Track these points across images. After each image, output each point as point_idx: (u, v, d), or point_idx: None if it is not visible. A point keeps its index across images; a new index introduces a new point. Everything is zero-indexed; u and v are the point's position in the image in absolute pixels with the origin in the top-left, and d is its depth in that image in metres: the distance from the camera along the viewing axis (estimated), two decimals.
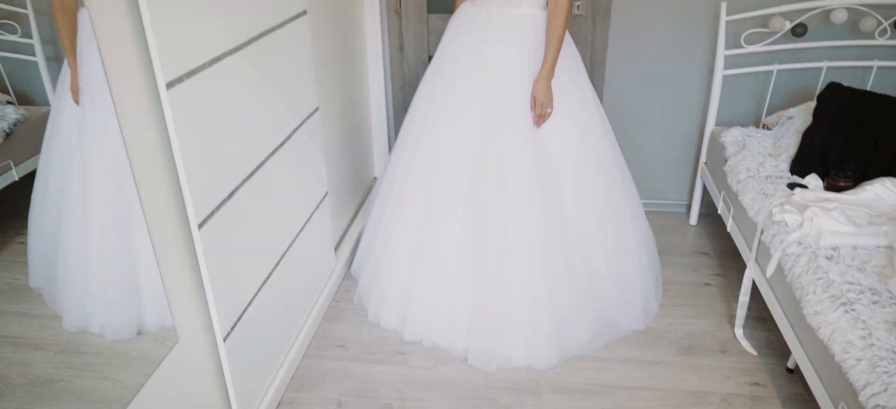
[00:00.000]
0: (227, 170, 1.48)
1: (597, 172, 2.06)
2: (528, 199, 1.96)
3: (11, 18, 1.55)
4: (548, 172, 1.99)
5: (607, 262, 2.09)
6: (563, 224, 2.01)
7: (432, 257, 2.07)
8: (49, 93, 1.64)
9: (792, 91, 2.61)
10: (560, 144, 2.00)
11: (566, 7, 1.88)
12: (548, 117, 1.96)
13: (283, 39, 1.76)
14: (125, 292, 1.40)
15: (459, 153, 2.02)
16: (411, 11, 2.73)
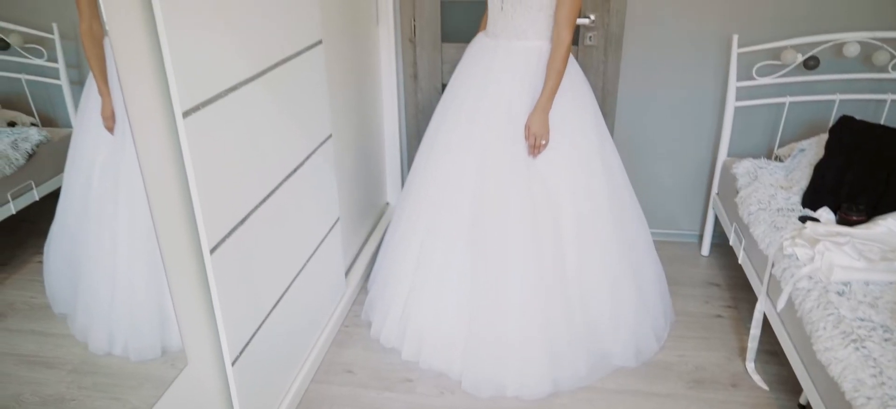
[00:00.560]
0: (240, 196, 1.52)
1: (598, 203, 2.05)
2: (523, 229, 1.99)
3: (39, 43, 1.62)
4: (544, 203, 2.00)
5: (605, 296, 2.07)
6: (559, 256, 2.01)
7: (432, 280, 2.11)
8: (71, 115, 1.70)
9: (804, 123, 2.60)
10: (558, 176, 2.01)
11: (567, 41, 1.91)
12: (542, 149, 1.98)
13: (299, 68, 1.80)
14: (150, 313, 1.43)
15: (462, 180, 2.06)
16: (426, 40, 2.78)
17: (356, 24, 2.43)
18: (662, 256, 2.34)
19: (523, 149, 1.99)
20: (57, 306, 1.64)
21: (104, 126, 1.41)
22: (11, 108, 1.69)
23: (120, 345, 1.58)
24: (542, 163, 2.00)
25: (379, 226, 2.87)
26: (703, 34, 2.54)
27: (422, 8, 2.72)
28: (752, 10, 2.46)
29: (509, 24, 2.00)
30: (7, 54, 1.61)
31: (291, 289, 1.85)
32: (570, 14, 1.90)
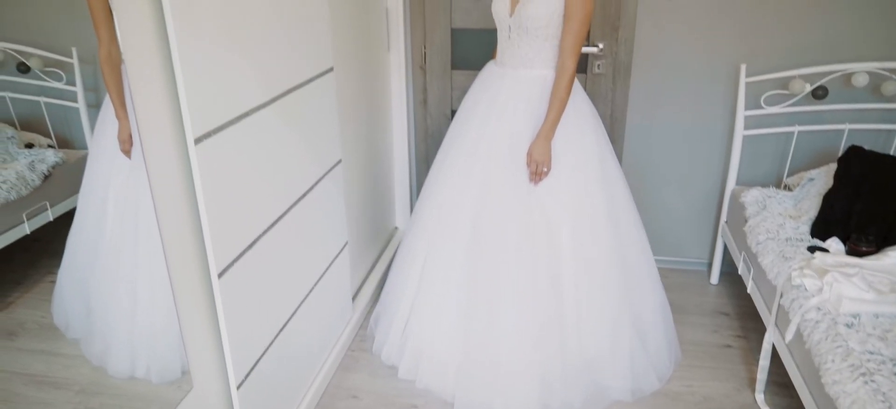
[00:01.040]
0: (249, 221, 1.54)
1: (599, 234, 2.05)
2: (519, 255, 2.00)
3: (58, 66, 1.66)
4: (542, 231, 2.01)
5: (604, 331, 2.05)
6: (556, 285, 2.01)
7: (431, 301, 2.13)
8: (87, 138, 1.73)
9: (814, 152, 2.60)
10: (558, 204, 2.01)
11: (571, 71, 1.93)
12: (544, 176, 1.99)
13: (310, 94, 1.83)
14: (172, 335, 1.44)
15: (463, 204, 2.08)
16: (436, 67, 2.82)
17: (368, 51, 2.48)
18: (671, 284, 2.32)
19: (524, 176, 2.01)
20: (69, 332, 1.66)
21: (121, 149, 1.44)
22: (30, 130, 1.73)
23: (142, 368, 1.60)
24: (543, 191, 2.01)
25: (387, 250, 2.89)
26: (711, 63, 2.55)
27: (432, 35, 2.76)
28: (759, 40, 2.48)
29: (516, 52, 2.02)
30: (27, 77, 1.65)
31: (298, 313, 1.86)
32: (574, 44, 1.93)
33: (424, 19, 2.74)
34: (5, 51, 1.60)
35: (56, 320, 1.65)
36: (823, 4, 2.39)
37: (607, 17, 2.56)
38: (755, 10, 2.44)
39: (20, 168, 1.64)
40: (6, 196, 1.58)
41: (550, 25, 1.94)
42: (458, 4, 2.69)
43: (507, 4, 2.03)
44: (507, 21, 2.03)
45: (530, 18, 1.95)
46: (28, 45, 1.62)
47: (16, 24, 1.62)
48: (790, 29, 2.44)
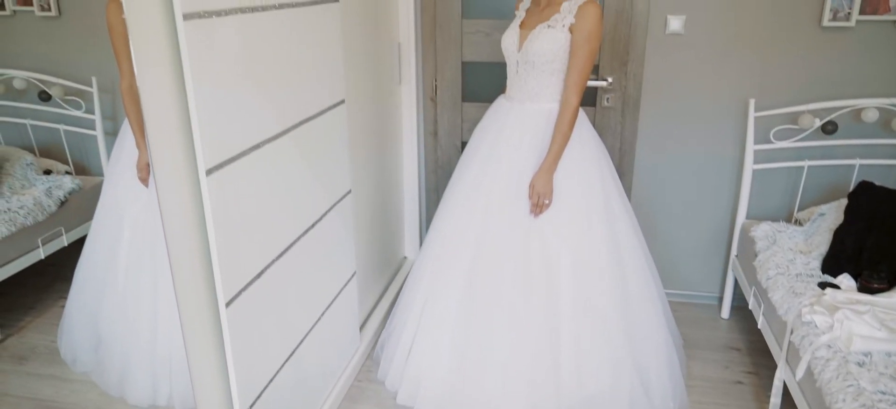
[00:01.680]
0: (258, 250, 1.56)
1: (600, 268, 2.04)
2: (514, 288, 2.01)
3: (78, 95, 1.72)
4: (540, 265, 2.01)
5: (605, 372, 2.03)
6: (553, 321, 2.01)
7: (432, 330, 2.14)
8: (104, 165, 1.78)
9: (824, 187, 2.59)
10: (559, 237, 2.02)
11: (574, 105, 1.96)
12: (545, 208, 2.00)
13: (321, 126, 1.86)
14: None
15: (465, 235, 2.11)
16: (446, 100, 2.85)
17: (380, 83, 2.52)
18: (681, 318, 2.30)
19: (526, 208, 2.03)
20: (77, 366, 1.67)
21: (139, 177, 1.48)
22: (49, 156, 1.79)
23: (164, 395, 1.62)
24: (543, 222, 2.02)
25: (396, 280, 2.89)
26: (720, 97, 2.56)
27: (443, 69, 2.80)
28: (768, 75, 2.49)
29: (524, 86, 2.06)
30: (48, 105, 1.71)
31: (305, 342, 1.87)
32: (578, 80, 1.95)
33: (436, 53, 2.79)
34: (28, 80, 1.66)
35: (63, 354, 1.68)
36: (832, 40, 2.41)
37: (616, 52, 2.59)
38: (764, 45, 2.46)
39: (37, 194, 1.68)
40: (23, 221, 1.63)
41: (556, 60, 1.97)
42: (469, 39, 2.74)
43: (515, 40, 2.07)
44: (515, 56, 2.07)
45: (537, 54, 1.98)
46: (50, 74, 1.68)
47: (39, 54, 1.68)
48: (799, 64, 2.45)
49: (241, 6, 1.38)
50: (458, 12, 2.71)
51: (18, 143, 1.74)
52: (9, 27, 1.63)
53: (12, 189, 1.66)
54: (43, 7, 1.64)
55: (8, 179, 1.67)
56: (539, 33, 1.99)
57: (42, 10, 1.64)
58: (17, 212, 1.63)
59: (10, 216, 1.60)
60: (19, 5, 1.62)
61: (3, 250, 1.59)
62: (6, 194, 1.64)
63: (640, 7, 2.50)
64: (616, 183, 2.13)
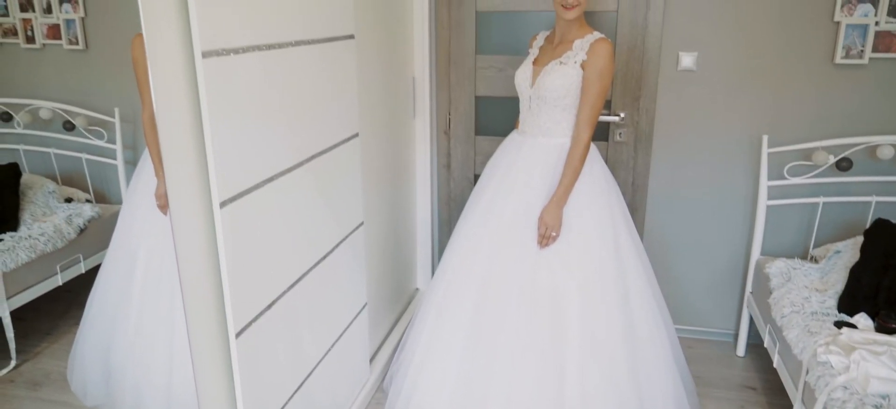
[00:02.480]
0: (269, 281, 1.58)
1: (607, 304, 2.03)
2: (518, 322, 2.01)
3: (101, 125, 1.77)
4: (546, 299, 2.01)
5: (608, 399, 2.00)
6: (558, 357, 2.00)
7: (436, 361, 2.14)
8: (123, 193, 1.82)
9: (840, 224, 2.56)
10: (567, 270, 2.02)
11: (585, 141, 1.98)
12: (552, 241, 2.00)
13: (335, 159, 1.89)
14: None
15: (472, 268, 2.11)
16: (460, 133, 2.89)
17: (394, 117, 2.56)
18: (696, 355, 2.27)
19: (533, 239, 2.04)
20: (88, 399, 1.68)
21: (157, 205, 1.51)
22: (71, 185, 1.83)
23: None
24: (552, 256, 2.02)
25: (407, 312, 2.89)
26: (733, 133, 2.56)
27: (457, 103, 2.84)
28: (782, 111, 2.49)
29: (536, 121, 2.08)
30: (72, 135, 1.76)
31: (314, 373, 1.87)
32: (590, 116, 1.98)
33: (450, 87, 2.83)
34: (54, 110, 1.72)
35: (73, 387, 1.69)
36: (845, 78, 2.41)
37: (628, 88, 2.61)
38: (776, 82, 2.47)
39: (58, 221, 1.72)
40: (43, 248, 1.66)
41: (568, 96, 2.00)
42: (482, 74, 2.78)
43: (528, 76, 2.10)
44: (528, 91, 2.09)
45: (549, 89, 2.01)
46: (75, 105, 1.74)
47: (65, 85, 1.74)
48: (812, 101, 2.45)
49: (259, 44, 1.42)
50: (472, 48, 2.75)
51: (42, 171, 1.79)
52: (38, 59, 1.70)
53: (34, 216, 1.71)
54: (71, 41, 1.70)
55: (30, 207, 1.72)
56: (552, 70, 2.02)
57: (70, 44, 1.70)
58: (37, 239, 1.66)
59: (31, 243, 1.64)
60: (48, 39, 1.69)
61: (23, 276, 1.63)
62: (28, 221, 1.68)
63: (652, 44, 2.53)
64: (626, 220, 2.13)
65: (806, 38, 2.40)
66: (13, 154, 1.73)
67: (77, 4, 1.68)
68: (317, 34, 1.70)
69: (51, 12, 1.67)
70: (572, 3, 1.96)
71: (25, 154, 1.75)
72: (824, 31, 2.38)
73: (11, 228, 1.64)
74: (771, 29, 2.42)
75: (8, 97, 1.68)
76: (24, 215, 1.69)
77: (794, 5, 2.38)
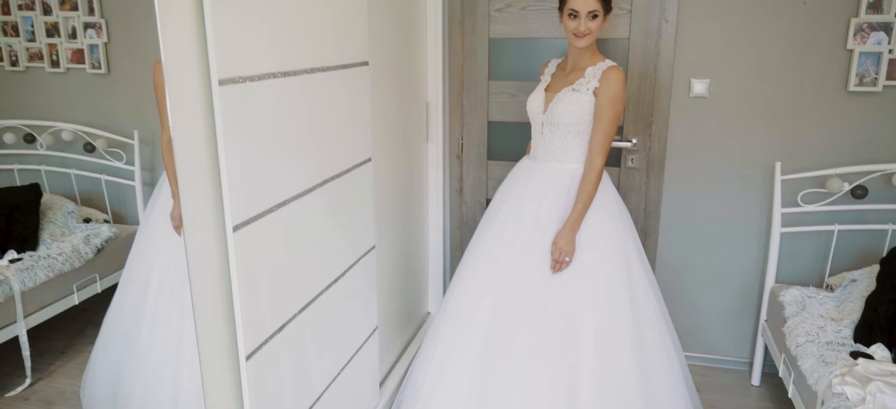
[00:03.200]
0: (280, 304, 1.59)
1: (619, 330, 2.02)
2: (531, 348, 2.00)
3: (120, 147, 1.81)
4: (560, 325, 2.00)
5: None
6: (571, 384, 1.98)
7: (447, 387, 2.12)
8: (140, 214, 1.85)
9: (856, 252, 2.53)
10: (579, 295, 2.02)
11: (599, 166, 1.99)
12: (565, 266, 2.00)
13: (348, 183, 1.91)
14: None
15: (483, 292, 2.11)
16: (472, 158, 2.91)
17: (407, 141, 2.58)
18: (710, 383, 2.24)
19: (545, 264, 2.04)
20: None
21: (173, 227, 1.54)
22: (90, 205, 1.87)
23: None
24: (565, 281, 2.02)
25: (418, 336, 2.89)
26: (746, 159, 2.56)
27: (470, 128, 2.87)
28: (794, 139, 2.48)
29: (548, 147, 2.09)
30: (92, 156, 1.80)
31: (324, 397, 1.87)
32: (603, 142, 1.99)
33: (463, 113, 2.86)
34: (75, 132, 1.76)
35: (85, 405, 1.70)
36: (859, 105, 2.40)
37: (640, 114, 2.61)
38: (789, 109, 2.47)
39: (76, 241, 1.75)
40: (61, 268, 1.69)
41: (581, 123, 2.01)
42: (495, 99, 2.81)
43: (540, 102, 2.12)
44: (540, 118, 2.11)
45: (562, 116, 2.02)
46: (96, 127, 1.78)
47: (87, 108, 1.78)
48: (826, 128, 2.45)
49: (274, 71, 1.45)
50: (484, 74, 2.78)
51: (62, 191, 1.82)
52: (62, 83, 1.74)
53: (53, 236, 1.74)
54: (94, 65, 1.75)
55: (50, 227, 1.75)
56: (564, 96, 2.04)
57: (93, 68, 1.75)
58: (56, 258, 1.69)
59: (49, 263, 1.67)
60: (73, 63, 1.74)
61: (41, 295, 1.65)
62: (47, 241, 1.72)
63: (664, 71, 2.54)
64: (637, 246, 2.13)
65: (819, 65, 2.40)
66: (35, 175, 1.77)
67: (101, 30, 1.73)
68: (331, 61, 1.73)
69: (75, 38, 1.72)
70: (584, 32, 1.98)
71: (47, 175, 1.79)
72: (837, 58, 2.38)
73: (31, 247, 1.68)
74: (783, 56, 2.43)
75: (32, 119, 1.72)
76: (44, 235, 1.73)
77: (807, 33, 2.39)
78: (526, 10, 2.66)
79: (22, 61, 1.70)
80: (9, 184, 1.73)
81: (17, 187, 1.74)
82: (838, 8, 2.34)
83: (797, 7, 2.38)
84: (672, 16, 2.49)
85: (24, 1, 1.66)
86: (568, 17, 2.01)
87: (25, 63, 1.70)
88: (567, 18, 2.01)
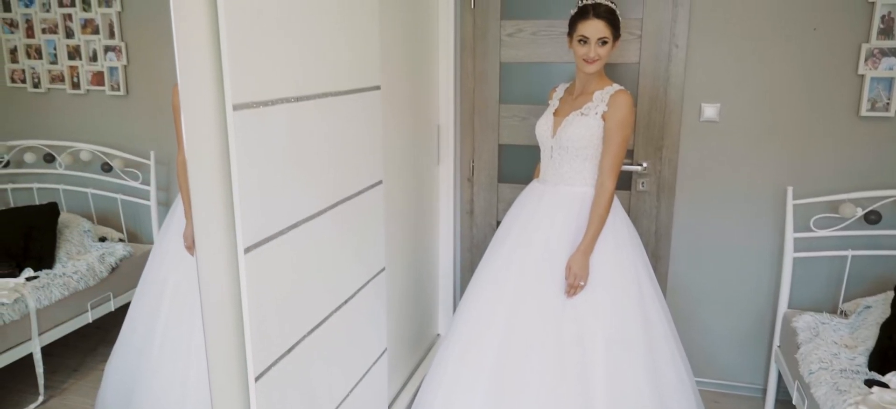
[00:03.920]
0: (289, 326, 1.60)
1: (632, 354, 2.01)
2: (546, 372, 1.98)
3: (136, 167, 1.84)
4: (573, 348, 1.99)
5: None
6: (585, 400, 1.97)
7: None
8: (155, 233, 1.88)
9: (871, 278, 2.50)
10: (594, 317, 2.01)
11: (610, 189, 2.00)
12: (580, 289, 2.00)
13: (358, 206, 1.93)
14: None
15: (494, 316, 2.10)
16: (483, 180, 2.92)
17: (418, 163, 2.61)
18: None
19: (557, 288, 2.03)
20: None
21: (184, 246, 1.56)
22: (106, 224, 1.90)
23: None
24: (580, 301, 2.02)
25: (428, 358, 2.89)
26: (757, 184, 2.55)
27: (481, 151, 2.89)
28: (806, 163, 2.47)
29: (558, 171, 2.11)
30: (109, 176, 1.84)
31: None
32: (613, 165, 2.00)
33: (473, 136, 2.88)
34: (93, 152, 1.80)
35: None
36: (871, 130, 2.39)
37: (651, 138, 2.62)
38: (801, 134, 2.46)
39: (91, 260, 1.78)
40: (76, 286, 1.72)
41: (590, 146, 2.02)
42: (506, 123, 2.83)
43: (549, 126, 2.14)
44: (549, 141, 2.13)
45: (571, 139, 2.04)
46: (113, 147, 1.82)
47: (106, 128, 1.82)
48: (838, 153, 2.44)
49: (287, 96, 1.48)
50: (495, 97, 2.81)
51: (79, 210, 1.86)
52: (82, 104, 1.79)
53: (69, 255, 1.77)
54: (113, 87, 1.79)
55: (66, 245, 1.78)
56: (572, 120, 2.05)
57: (112, 90, 1.79)
58: (71, 276, 1.72)
59: (64, 281, 1.70)
60: (93, 85, 1.78)
61: (55, 313, 1.68)
62: (63, 259, 1.75)
63: (675, 95, 2.55)
64: (647, 270, 2.13)
65: (830, 90, 2.40)
66: (54, 194, 1.80)
67: (121, 53, 1.77)
68: (344, 86, 1.76)
69: (96, 60, 1.77)
70: (594, 58, 2.00)
71: (65, 194, 1.82)
72: (848, 83, 2.38)
73: (47, 265, 1.71)
74: (794, 81, 2.43)
75: (52, 139, 1.76)
76: (60, 253, 1.75)
77: (817, 59, 2.39)
78: (536, 34, 2.69)
79: (44, 83, 1.74)
80: (28, 202, 1.77)
81: (36, 206, 1.77)
82: (849, 33, 2.34)
83: (808, 32, 2.38)
84: (682, 41, 2.50)
85: (48, 24, 1.71)
86: (578, 43, 2.03)
87: (47, 85, 1.75)
88: (577, 44, 2.03)
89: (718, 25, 2.47)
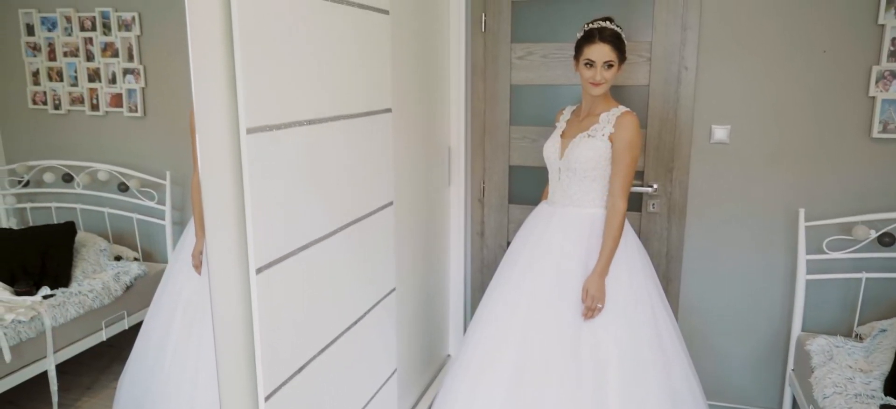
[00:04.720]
0: (300, 346, 1.61)
1: (647, 375, 2.00)
2: (563, 394, 1.97)
3: (152, 187, 1.87)
4: (589, 366, 1.99)
5: None
6: None
7: None
8: (169, 252, 1.90)
9: (886, 301, 2.47)
10: (611, 338, 2.00)
11: (622, 209, 2.00)
12: (598, 312, 1.99)
13: (369, 226, 1.94)
14: None
15: (507, 338, 2.10)
16: (493, 201, 2.94)
17: (429, 184, 2.62)
18: None
19: (570, 310, 2.03)
20: None
21: (192, 264, 1.58)
22: (121, 243, 1.93)
23: None
24: (597, 324, 2.01)
25: (438, 379, 2.88)
26: (769, 206, 2.54)
27: (492, 172, 2.91)
28: (817, 185, 2.46)
29: (566, 192, 2.11)
30: (125, 195, 1.87)
31: None
32: (623, 186, 2.00)
33: (484, 157, 2.90)
34: (111, 172, 1.84)
35: None
36: (883, 152, 2.38)
37: (661, 160, 2.62)
38: (812, 155, 2.45)
39: (107, 279, 1.81)
40: (91, 304, 1.74)
41: (598, 168, 2.03)
42: (516, 145, 2.85)
43: (557, 148, 2.15)
44: (557, 163, 2.14)
45: (578, 161, 2.05)
46: (130, 168, 1.85)
47: (123, 149, 1.86)
48: (850, 175, 2.42)
49: (300, 120, 1.51)
50: (506, 119, 2.83)
51: (96, 229, 1.89)
52: (100, 125, 1.83)
53: (85, 273, 1.80)
54: (131, 108, 1.83)
55: (82, 264, 1.81)
56: (580, 142, 2.07)
57: (130, 111, 1.83)
58: (86, 295, 1.75)
59: (80, 299, 1.73)
60: (111, 106, 1.82)
61: (70, 331, 1.70)
62: (79, 278, 1.77)
63: (684, 116, 2.56)
64: (659, 290, 2.12)
65: (841, 112, 2.40)
66: (71, 213, 1.84)
67: (139, 75, 1.81)
68: (355, 109, 1.79)
69: (115, 82, 1.81)
70: (600, 81, 2.03)
71: (82, 213, 1.86)
72: (859, 105, 2.37)
73: (63, 284, 1.73)
74: (805, 103, 2.43)
75: (71, 160, 1.80)
76: (76, 272, 1.78)
77: (828, 81, 2.39)
78: (547, 57, 2.72)
79: (64, 105, 1.79)
80: (46, 221, 1.80)
81: (54, 225, 1.81)
82: (859, 55, 2.34)
83: (817, 54, 2.39)
84: (691, 63, 2.51)
85: (70, 48, 1.76)
86: (584, 66, 2.05)
87: (68, 107, 1.79)
88: (583, 67, 2.06)
89: (728, 48, 2.48)
